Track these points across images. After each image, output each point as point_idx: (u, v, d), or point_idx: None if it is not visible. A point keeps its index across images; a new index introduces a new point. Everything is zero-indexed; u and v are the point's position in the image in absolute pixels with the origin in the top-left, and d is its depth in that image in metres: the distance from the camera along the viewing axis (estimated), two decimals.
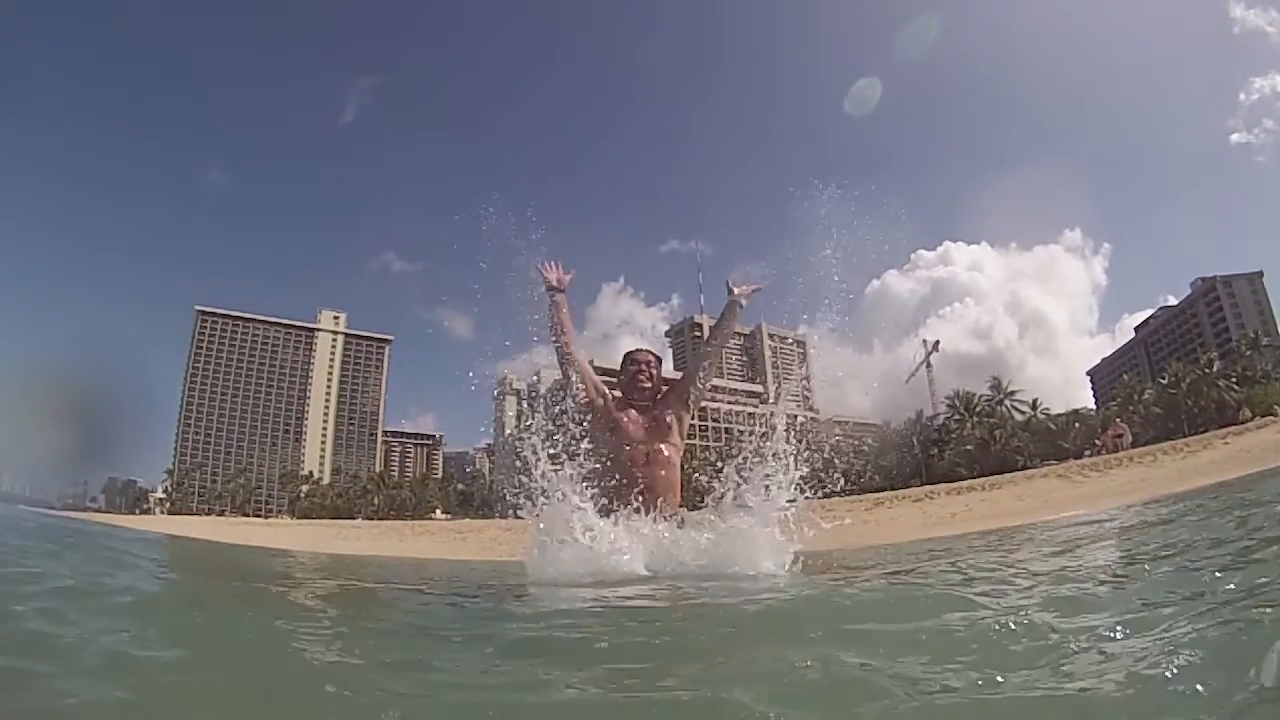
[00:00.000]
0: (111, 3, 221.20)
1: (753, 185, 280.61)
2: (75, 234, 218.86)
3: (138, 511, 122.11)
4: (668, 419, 5.30)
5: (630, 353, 5.66)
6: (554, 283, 5.63)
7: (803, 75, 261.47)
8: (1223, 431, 45.95)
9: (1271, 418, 48.12)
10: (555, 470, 4.66)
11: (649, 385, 5.43)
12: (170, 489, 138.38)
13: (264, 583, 6.32)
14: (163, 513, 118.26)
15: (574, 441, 4.84)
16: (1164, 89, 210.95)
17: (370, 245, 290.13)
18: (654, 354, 5.67)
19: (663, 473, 5.07)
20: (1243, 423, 56.88)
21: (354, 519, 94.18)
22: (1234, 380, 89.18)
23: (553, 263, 5.74)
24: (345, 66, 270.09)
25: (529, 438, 4.73)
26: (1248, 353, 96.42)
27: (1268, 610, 2.74)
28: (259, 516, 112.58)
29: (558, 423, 5.03)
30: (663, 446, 5.16)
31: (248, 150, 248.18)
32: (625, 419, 5.23)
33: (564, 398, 5.32)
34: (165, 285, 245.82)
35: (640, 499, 4.76)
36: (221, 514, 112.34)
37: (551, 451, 4.75)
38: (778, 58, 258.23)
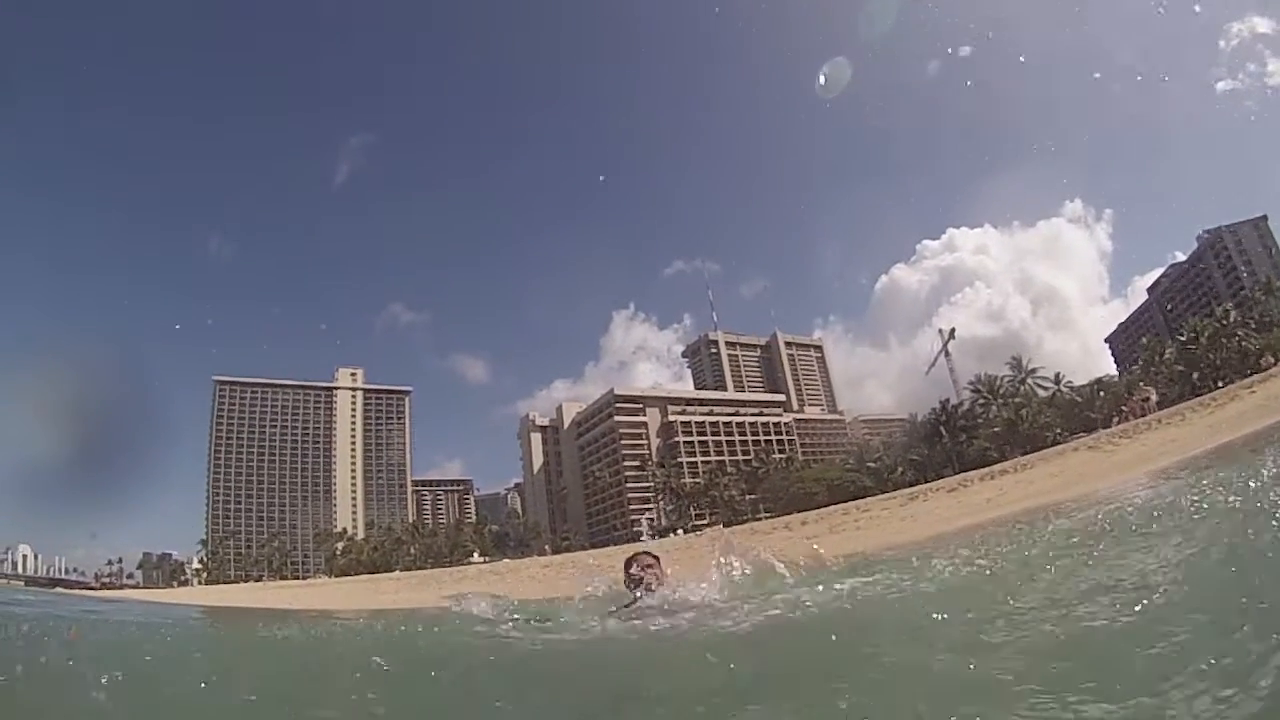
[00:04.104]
0: (89, 81, 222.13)
1: (750, 197, 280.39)
2: (85, 318, 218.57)
3: (175, 584, 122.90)
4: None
5: (634, 557, 7.02)
6: None
7: (785, 77, 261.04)
8: (1248, 381, 45.72)
9: None
10: None
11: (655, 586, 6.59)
12: (206, 559, 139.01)
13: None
14: (200, 583, 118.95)
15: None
16: (1143, 44, 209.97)
17: (377, 299, 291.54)
18: (656, 557, 7.02)
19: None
20: (1266, 369, 56.61)
21: (391, 571, 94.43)
22: (1252, 328, 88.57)
23: None
24: (335, 127, 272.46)
25: None
26: (1262, 298, 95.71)
27: None
28: (296, 578, 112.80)
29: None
30: None
31: (245, 218, 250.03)
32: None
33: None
34: (180, 359, 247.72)
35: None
36: (259, 579, 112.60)
37: None
38: (760, 64, 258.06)
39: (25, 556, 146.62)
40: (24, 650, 6.29)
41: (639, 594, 6.48)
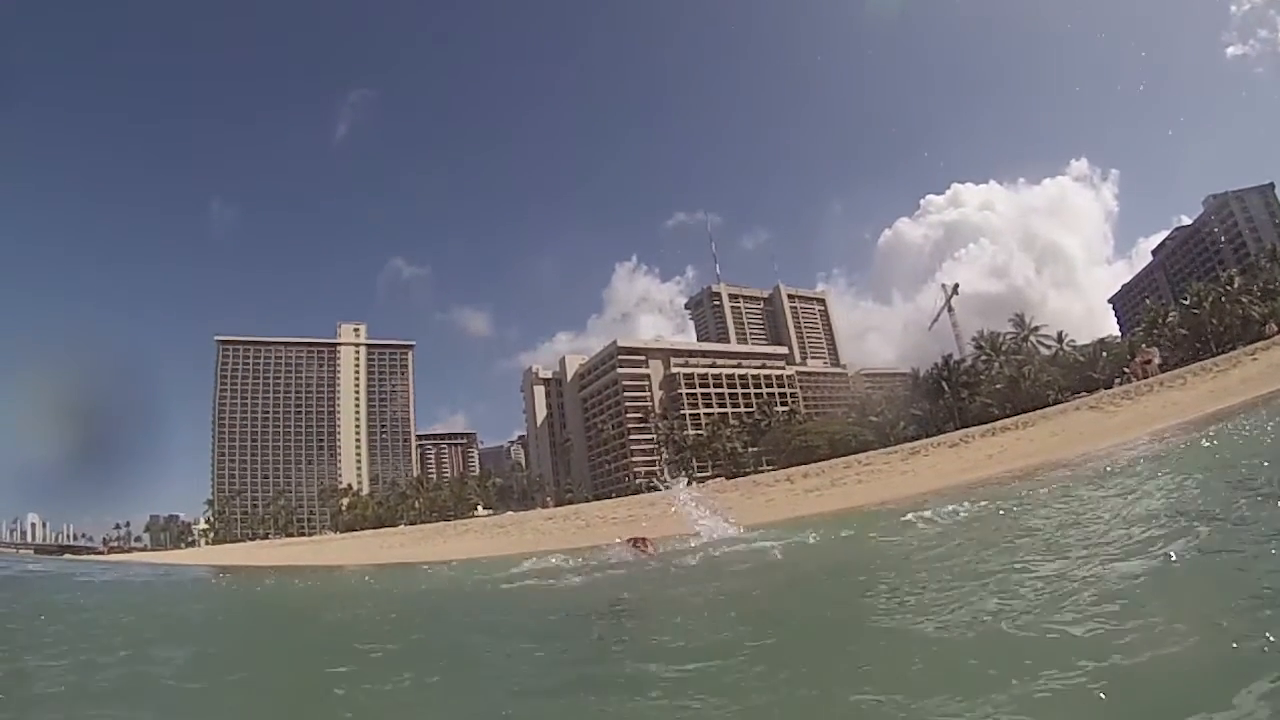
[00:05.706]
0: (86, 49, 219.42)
1: (753, 149, 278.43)
2: (86, 287, 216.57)
3: (183, 545, 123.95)
4: None
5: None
6: None
7: (792, 31, 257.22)
8: (1250, 348, 45.88)
9: None
10: None
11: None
12: (212, 519, 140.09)
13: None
14: (207, 544, 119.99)
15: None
16: (1154, 6, 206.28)
17: (378, 254, 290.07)
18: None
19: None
20: (1269, 337, 56.64)
21: (396, 525, 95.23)
22: (1256, 295, 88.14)
23: None
24: (333, 83, 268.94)
25: None
26: (1267, 265, 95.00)
27: None
28: (303, 535, 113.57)
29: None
30: None
31: (246, 178, 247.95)
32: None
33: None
34: (182, 321, 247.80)
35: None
36: (265, 538, 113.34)
37: None
38: (766, 16, 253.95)
39: (34, 524, 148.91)
40: None
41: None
